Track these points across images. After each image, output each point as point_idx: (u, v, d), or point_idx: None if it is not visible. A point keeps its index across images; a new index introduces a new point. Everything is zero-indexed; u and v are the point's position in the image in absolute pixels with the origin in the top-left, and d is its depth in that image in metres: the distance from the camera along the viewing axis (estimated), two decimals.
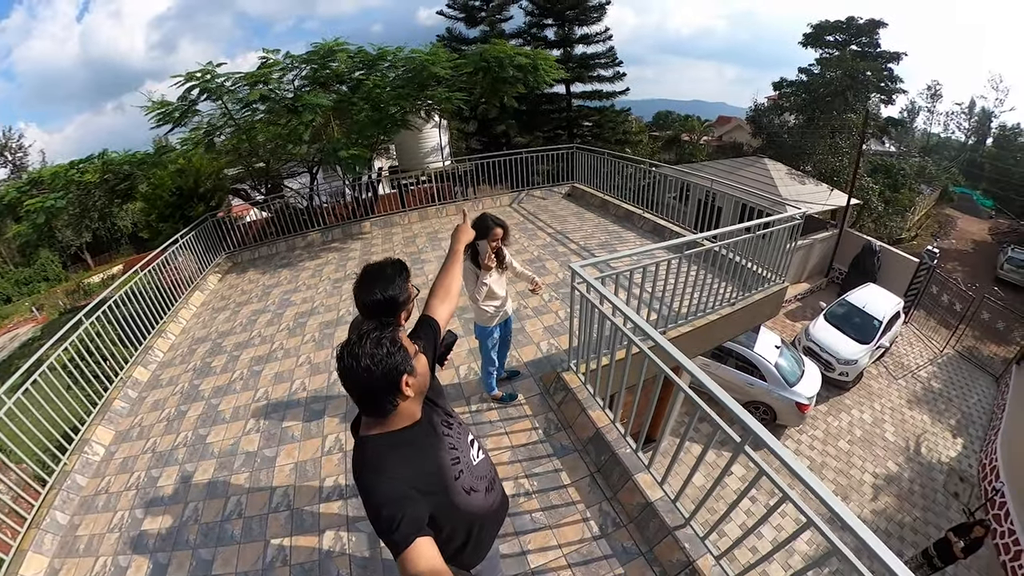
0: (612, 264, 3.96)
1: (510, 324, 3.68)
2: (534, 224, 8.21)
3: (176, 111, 7.27)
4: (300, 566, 3.01)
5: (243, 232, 9.26)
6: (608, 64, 19.74)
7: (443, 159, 11.24)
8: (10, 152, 32.99)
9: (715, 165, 16.90)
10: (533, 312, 5.21)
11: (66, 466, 4.41)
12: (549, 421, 3.52)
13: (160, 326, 6.51)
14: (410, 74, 7.84)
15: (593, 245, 6.86)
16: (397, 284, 1.79)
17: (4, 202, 7.50)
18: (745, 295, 4.86)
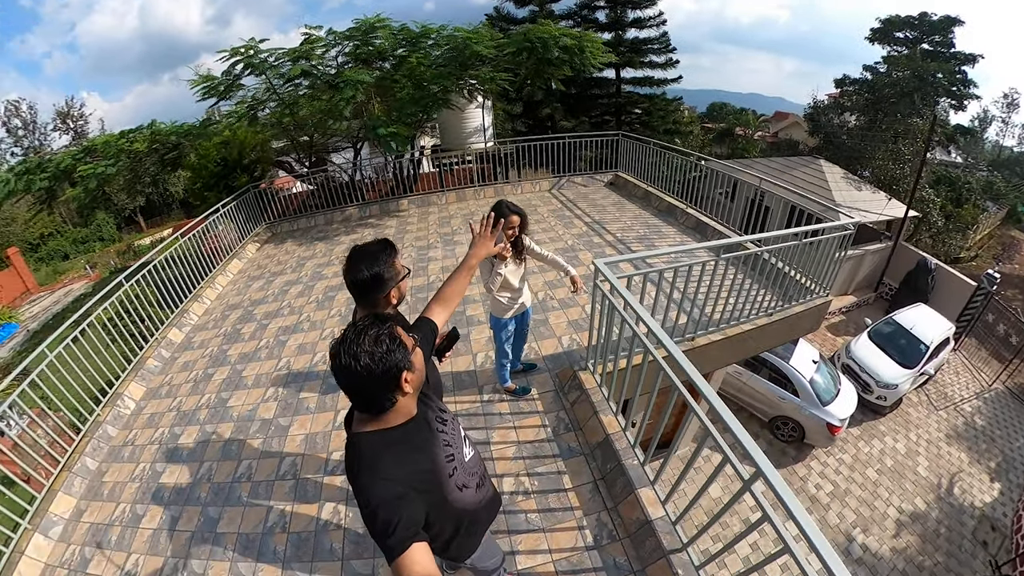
0: (647, 261, 3.82)
1: (527, 317, 3.53)
2: (572, 212, 7.97)
3: (221, 85, 7.49)
4: (297, 535, 3.09)
5: (284, 203, 9.48)
6: (661, 50, 18.99)
7: (485, 140, 11.05)
8: (72, 120, 34.75)
9: (768, 163, 16.04)
10: (559, 304, 5.06)
11: (99, 417, 4.68)
12: (560, 420, 3.40)
13: (197, 291, 6.77)
14: (452, 53, 7.73)
15: (630, 238, 6.61)
16: (382, 260, 1.79)
17: (60, 168, 7.95)
18: (784, 306, 4.53)
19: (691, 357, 3.95)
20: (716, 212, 6.79)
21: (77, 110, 35.21)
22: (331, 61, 8.03)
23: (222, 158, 9.18)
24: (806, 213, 5.49)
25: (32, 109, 33.38)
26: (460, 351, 4.43)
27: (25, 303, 21.80)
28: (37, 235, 27.45)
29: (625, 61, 18.72)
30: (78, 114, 35.04)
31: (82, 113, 35.30)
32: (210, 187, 9.22)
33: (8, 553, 3.45)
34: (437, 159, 9.85)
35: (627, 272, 3.16)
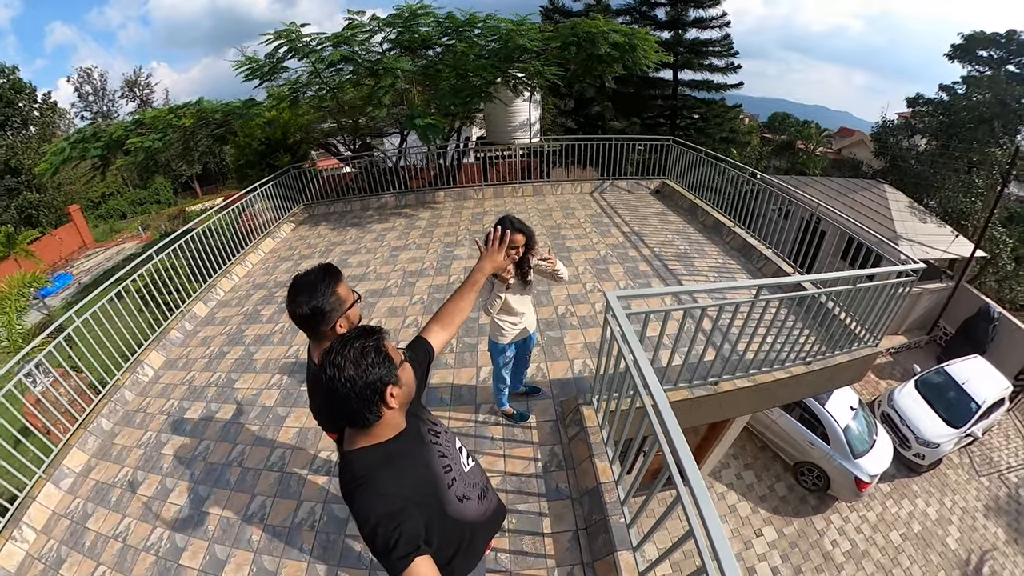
0: (681, 297, 3.45)
1: (531, 343, 3.27)
2: (610, 219, 7.57)
3: (265, 67, 7.62)
4: (272, 528, 3.12)
5: (324, 185, 9.59)
6: (722, 53, 17.97)
7: (531, 135, 10.73)
8: (138, 88, 37.07)
9: (827, 182, 14.96)
10: (578, 322, 4.72)
11: (119, 381, 4.88)
12: (553, 456, 3.18)
13: (227, 267, 6.94)
14: (496, 44, 7.52)
15: (668, 255, 6.17)
16: (320, 291, 1.66)
17: (112, 139, 8.43)
18: (827, 354, 4.06)
19: (711, 403, 3.68)
20: (767, 231, 6.20)
21: (144, 79, 37.52)
22: (375, 47, 7.98)
23: (266, 137, 9.41)
24: (864, 244, 4.93)
25: (103, 77, 35.90)
26: (464, 363, 4.28)
27: (81, 257, 23.42)
28: (99, 194, 29.37)
29: (683, 62, 17.86)
30: (144, 83, 37.35)
31: (148, 82, 37.59)
32: (252, 165, 9.47)
33: (21, 497, 3.74)
34: (481, 151, 9.64)
35: (643, 309, 2.92)
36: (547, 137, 10.52)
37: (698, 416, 3.87)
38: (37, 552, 3.52)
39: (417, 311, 5.27)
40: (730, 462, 8.29)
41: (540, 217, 7.74)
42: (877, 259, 4.68)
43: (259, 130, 9.36)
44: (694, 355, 3.46)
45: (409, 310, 5.31)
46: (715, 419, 5.27)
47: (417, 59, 8.15)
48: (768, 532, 7.08)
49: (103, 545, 3.40)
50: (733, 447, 8.36)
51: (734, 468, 8.21)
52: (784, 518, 7.41)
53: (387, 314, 5.29)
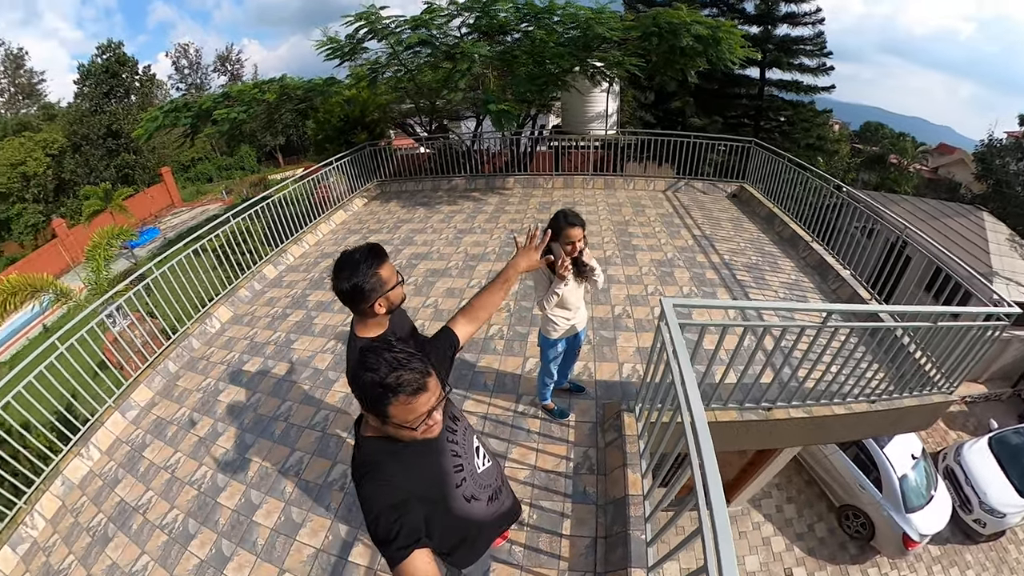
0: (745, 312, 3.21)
1: (580, 338, 3.20)
2: (682, 220, 7.23)
3: (345, 47, 7.86)
4: (306, 483, 3.29)
5: (397, 164, 9.83)
6: (814, 52, 16.46)
7: (607, 127, 10.43)
8: (229, 63, 40.44)
9: (918, 203, 13.48)
10: (634, 325, 4.53)
11: (188, 330, 5.30)
12: (587, 458, 3.09)
13: (299, 234, 7.31)
14: (576, 31, 7.33)
15: (738, 264, 5.81)
16: (362, 271, 1.68)
17: (202, 109, 9.07)
18: (894, 395, 3.64)
19: (760, 429, 3.44)
20: (847, 249, 5.66)
21: (235, 55, 40.87)
22: (453, 31, 8.03)
23: (345, 114, 9.78)
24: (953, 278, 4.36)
25: (198, 52, 39.26)
26: (513, 351, 4.24)
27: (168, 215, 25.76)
28: (188, 158, 32.02)
29: (771, 60, 16.55)
30: (235, 59, 40.71)
31: (239, 58, 41.01)
32: (331, 140, 9.91)
33: (92, 421, 4.22)
34: (555, 140, 9.49)
35: (702, 320, 2.73)
36: (624, 130, 10.14)
37: (745, 440, 3.63)
38: (98, 470, 3.97)
39: (472, 294, 5.27)
40: (772, 492, 7.81)
41: (608, 212, 7.52)
42: (966, 296, 4.14)
43: (338, 107, 9.76)
44: (750, 375, 3.21)
45: (466, 293, 5.35)
46: (763, 446, 4.96)
47: (494, 44, 8.13)
48: (799, 573, 6.62)
49: (154, 473, 3.75)
50: (778, 476, 7.86)
51: (776, 499, 7.72)
52: (818, 561, 6.86)
53: (444, 294, 5.36)
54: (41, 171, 24.41)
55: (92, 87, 28.06)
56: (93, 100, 27.91)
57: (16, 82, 32.10)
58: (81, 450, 4.05)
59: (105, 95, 28.34)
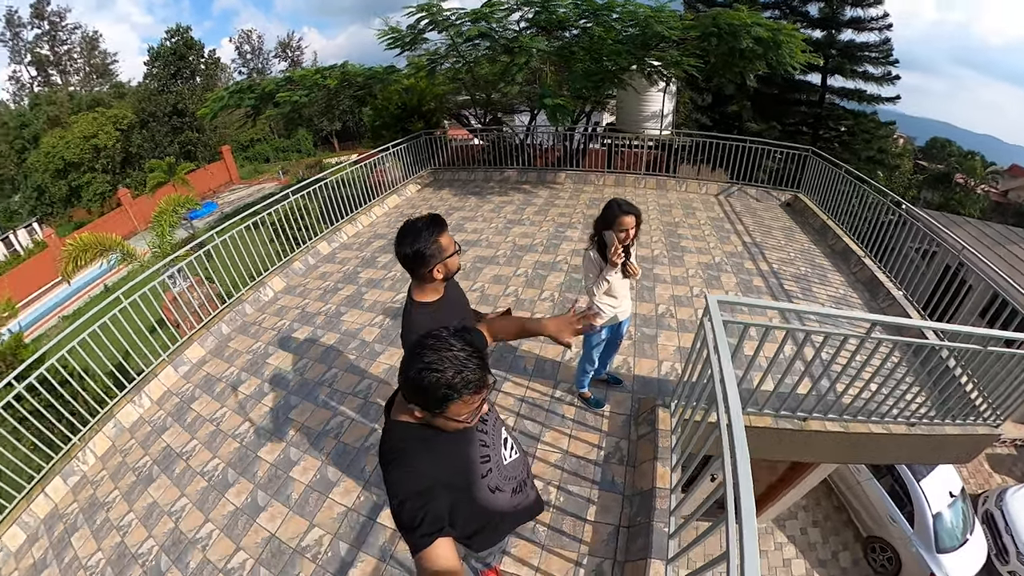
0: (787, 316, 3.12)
1: (623, 328, 3.23)
2: (732, 225, 7.11)
3: (406, 37, 8.09)
4: (344, 445, 3.46)
5: (451, 153, 10.05)
6: (879, 60, 15.47)
7: (661, 127, 10.27)
8: (290, 50, 42.67)
9: (983, 227, 12.59)
10: (676, 325, 4.52)
11: (242, 296, 5.62)
12: (618, 449, 3.12)
13: (353, 215, 7.60)
14: (634, 29, 7.27)
15: (787, 274, 5.68)
16: (424, 237, 1.79)
17: (265, 92, 9.49)
18: (935, 420, 3.46)
19: (794, 439, 3.38)
20: (901, 269, 5.40)
21: (296, 43, 43.03)
22: (512, 25, 8.10)
23: (402, 103, 10.04)
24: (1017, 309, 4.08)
25: (260, 38, 41.80)
26: None
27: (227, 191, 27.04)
28: (248, 139, 33.54)
29: (834, 67, 15.70)
30: (296, 46, 42.86)
31: (299, 45, 43.15)
32: (387, 127, 10.21)
33: (146, 373, 4.59)
34: (609, 138, 9.44)
35: (744, 320, 2.69)
36: (678, 131, 9.97)
37: (778, 450, 3.55)
38: (148, 417, 4.32)
39: (520, 283, 5.40)
40: (799, 513, 7.56)
41: (659, 212, 7.46)
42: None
43: (397, 95, 10.05)
44: (787, 383, 3.16)
45: (512, 281, 5.46)
46: (796, 458, 4.82)
47: (553, 40, 8.17)
48: None
49: (200, 425, 4.03)
50: (807, 498, 7.59)
51: (801, 521, 7.47)
52: None
53: (491, 281, 5.49)
54: (111, 144, 26.27)
55: (160, 68, 30.17)
56: (161, 80, 30.02)
57: (91, 62, 34.89)
58: (134, 398, 4.41)
59: (172, 76, 30.35)
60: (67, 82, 33.60)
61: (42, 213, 26.64)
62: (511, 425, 3.39)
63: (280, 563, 2.83)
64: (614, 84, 8.29)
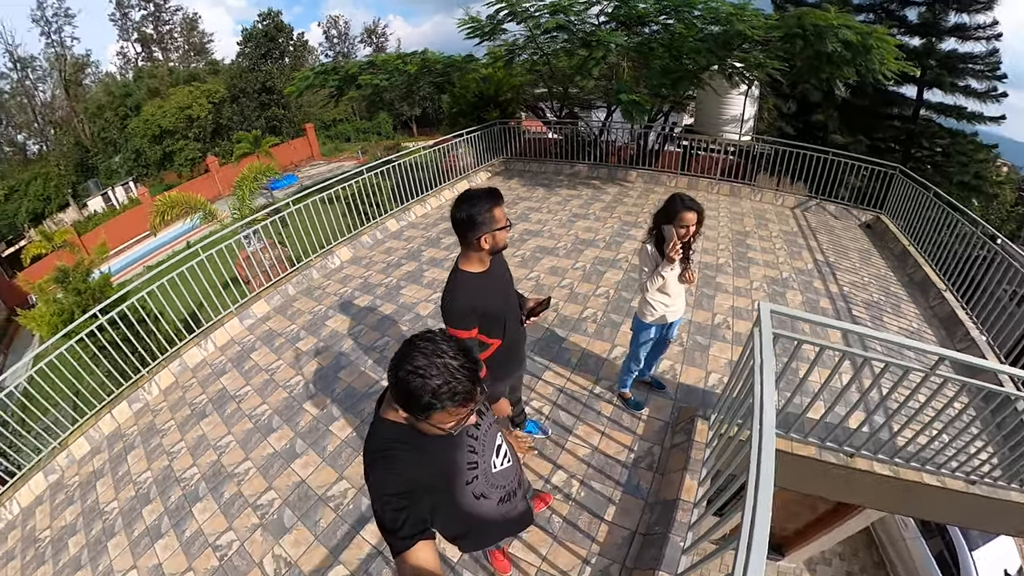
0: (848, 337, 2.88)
1: (673, 330, 3.12)
2: (806, 241, 6.72)
3: (486, 27, 8.19)
4: None
5: (524, 144, 10.17)
6: (984, 74, 13.53)
7: (740, 132, 9.88)
8: (375, 36, 44.69)
9: None
10: (731, 338, 4.29)
11: (311, 261, 6.02)
12: (650, 454, 3.05)
13: (423, 196, 7.90)
14: (716, 27, 7.00)
15: (857, 300, 5.29)
16: (479, 206, 1.83)
17: (348, 74, 9.97)
18: (999, 481, 3.04)
19: (838, 476, 3.17)
20: (987, 311, 4.85)
21: (381, 29, 45.06)
22: (591, 19, 8.04)
23: (480, 92, 10.25)
24: None
25: (346, 24, 44.57)
26: (603, 336, 4.27)
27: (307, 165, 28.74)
28: (331, 118, 35.33)
29: (931, 79, 13.95)
30: (381, 32, 44.88)
31: (384, 32, 45.15)
32: (464, 114, 10.47)
33: (214, 321, 5.07)
34: (685, 139, 9.14)
35: (796, 335, 2.54)
36: (759, 137, 9.47)
37: (817, 484, 3.33)
38: (211, 361, 4.77)
39: (576, 276, 5.37)
40: (834, 560, 7.10)
41: (729, 220, 7.19)
42: None
43: (474, 84, 10.28)
44: (837, 412, 2.95)
45: (569, 273, 5.46)
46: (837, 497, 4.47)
47: (632, 35, 8.02)
48: None
49: (255, 373, 4.39)
50: (845, 545, 7.11)
51: (835, 569, 7.01)
52: None
53: (548, 271, 5.52)
54: (203, 115, 28.71)
55: (252, 48, 32.79)
56: (252, 60, 32.60)
57: (189, 41, 38.25)
58: (200, 342, 4.90)
59: (263, 56, 32.85)
60: (167, 58, 37.08)
61: (138, 174, 29.57)
62: (545, 413, 3.42)
63: (304, 507, 3.05)
64: (693, 84, 8.05)
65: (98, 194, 28.33)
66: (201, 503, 3.28)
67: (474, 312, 1.96)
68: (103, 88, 32.02)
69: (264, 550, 2.87)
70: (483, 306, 1.98)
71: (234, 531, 3.03)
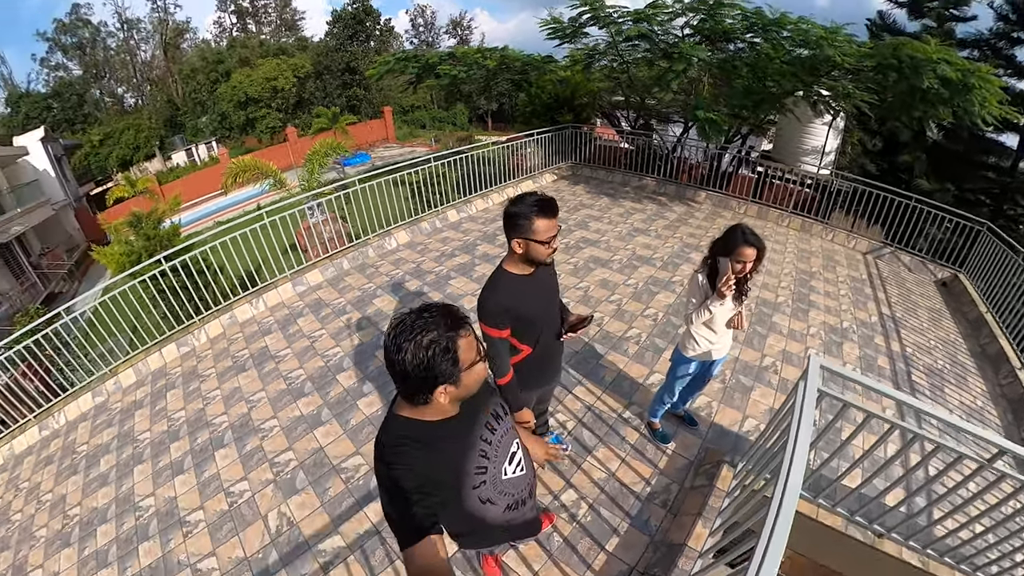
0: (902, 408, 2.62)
1: (715, 368, 2.92)
2: (873, 292, 6.21)
3: (567, 29, 8.16)
4: None
5: (594, 151, 10.07)
6: None
7: (819, 165, 9.32)
8: (460, 28, 46.18)
9: None
10: (778, 383, 3.99)
11: (369, 240, 6.27)
12: (666, 491, 2.92)
13: (486, 191, 8.02)
14: (805, 50, 6.63)
15: (919, 365, 4.81)
16: (522, 210, 1.83)
17: (428, 63, 10.24)
18: None
19: (859, 553, 2.89)
20: None
21: (466, 22, 46.66)
22: (674, 30, 7.83)
23: (555, 93, 10.26)
24: None
25: (433, 14, 46.08)
26: (643, 359, 4.13)
27: (381, 147, 29.90)
28: (409, 104, 36.54)
29: None
30: (466, 25, 46.43)
31: (469, 25, 46.66)
32: (537, 114, 10.52)
33: (267, 283, 5.43)
34: (761, 166, 8.68)
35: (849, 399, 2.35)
36: (838, 172, 8.85)
37: (838, 559, 3.06)
38: (259, 319, 5.10)
39: (627, 293, 5.22)
40: None
41: (796, 257, 6.78)
42: None
43: (551, 85, 10.30)
44: (875, 485, 2.70)
45: (620, 289, 5.32)
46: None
47: (715, 51, 7.77)
48: None
49: (298, 337, 4.64)
50: None
51: None
52: None
53: (598, 284, 5.42)
54: (287, 87, 30.83)
55: (340, 29, 34.52)
56: (339, 40, 34.39)
57: (282, 17, 41.22)
58: (252, 300, 5.26)
59: (349, 37, 34.72)
60: (260, 31, 40.16)
61: (221, 135, 32.14)
62: (569, 428, 3.37)
63: (317, 473, 3.19)
64: (775, 108, 7.71)
65: (182, 149, 31.45)
66: (224, 450, 3.53)
67: (507, 313, 1.95)
68: (198, 53, 35.53)
69: (272, 506, 3.04)
70: (518, 309, 1.97)
71: (248, 482, 3.23)
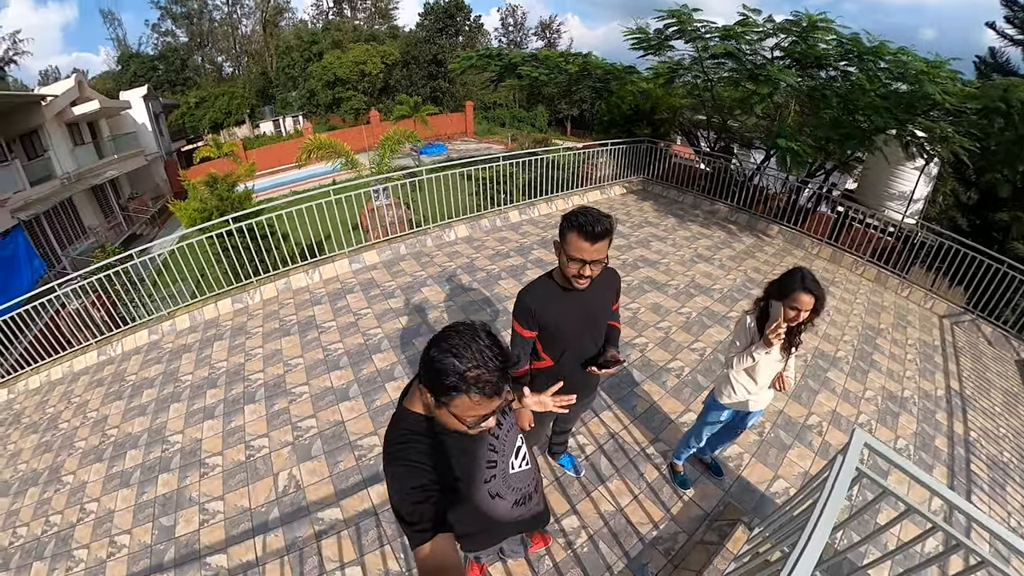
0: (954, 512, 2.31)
1: (749, 420, 2.73)
2: (944, 362, 5.51)
3: (652, 41, 7.96)
4: None
5: (668, 169, 9.80)
6: None
7: (905, 212, 8.58)
8: (549, 31, 46.63)
9: None
10: (819, 446, 3.62)
11: (429, 229, 6.49)
12: (673, 539, 2.75)
13: (551, 196, 8.05)
14: (902, 84, 6.07)
15: (982, 454, 4.16)
16: (569, 224, 1.71)
17: (510, 62, 10.35)
18: None
19: None
20: None
21: (556, 25, 47.16)
22: (763, 51, 7.41)
23: (635, 105, 10.07)
24: None
25: (524, 15, 46.45)
26: (680, 396, 3.93)
27: (459, 140, 30.91)
28: (492, 101, 37.36)
29: None
30: (555, 28, 46.91)
31: (558, 29, 47.12)
32: (615, 124, 10.41)
33: (326, 256, 5.76)
34: (843, 205, 8.04)
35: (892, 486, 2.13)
36: (925, 223, 8.02)
37: None
38: (311, 289, 5.41)
39: (678, 321, 4.98)
40: None
41: (864, 310, 6.20)
42: None
43: (631, 96, 10.12)
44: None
45: (671, 316, 5.07)
46: None
47: (805, 76, 7.26)
48: None
49: (344, 312, 4.88)
50: None
51: None
52: None
53: (650, 307, 5.23)
54: (374, 73, 32.62)
55: (431, 22, 36.01)
56: (428, 32, 35.87)
57: (376, 5, 43.18)
58: (308, 270, 5.59)
59: (439, 30, 36.23)
60: (354, 16, 42.24)
61: (308, 110, 34.54)
62: (587, 453, 3.28)
63: (334, 445, 3.34)
64: (863, 145, 7.04)
65: (271, 119, 34.42)
66: (253, 405, 3.79)
67: (532, 316, 1.91)
68: (294, 32, 38.34)
69: (284, 466, 3.21)
70: (543, 317, 1.91)
71: (269, 439, 3.45)
